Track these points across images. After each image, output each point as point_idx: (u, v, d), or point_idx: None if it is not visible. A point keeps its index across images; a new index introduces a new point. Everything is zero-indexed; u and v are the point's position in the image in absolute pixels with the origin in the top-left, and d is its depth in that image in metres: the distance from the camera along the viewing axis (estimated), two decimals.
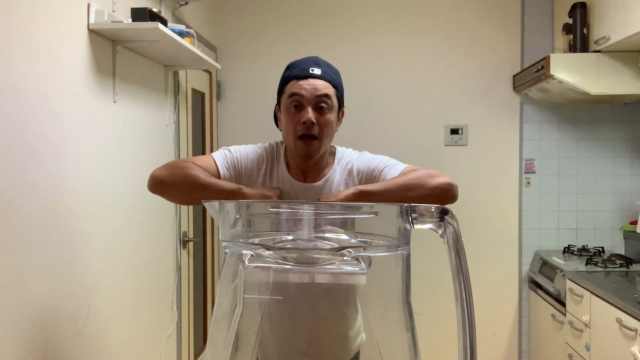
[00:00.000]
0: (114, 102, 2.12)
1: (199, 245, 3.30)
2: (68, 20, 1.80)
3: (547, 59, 2.94)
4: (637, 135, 3.50)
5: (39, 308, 1.63)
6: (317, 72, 1.42)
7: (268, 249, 0.93)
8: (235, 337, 0.97)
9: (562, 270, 3.00)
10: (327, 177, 1.48)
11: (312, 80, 1.40)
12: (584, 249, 3.40)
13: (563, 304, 2.94)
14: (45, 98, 1.67)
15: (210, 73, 3.50)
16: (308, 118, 1.38)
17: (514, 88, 3.55)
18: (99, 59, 1.99)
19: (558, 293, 3.01)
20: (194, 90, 3.19)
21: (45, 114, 1.66)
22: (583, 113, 3.53)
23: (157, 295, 2.57)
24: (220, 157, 1.48)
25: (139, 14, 2.02)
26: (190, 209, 3.05)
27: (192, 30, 2.43)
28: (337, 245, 0.94)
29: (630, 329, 2.22)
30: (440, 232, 0.92)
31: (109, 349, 2.06)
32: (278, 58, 3.57)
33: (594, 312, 2.58)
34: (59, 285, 1.73)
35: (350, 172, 1.49)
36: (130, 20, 2.04)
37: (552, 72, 2.91)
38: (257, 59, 3.63)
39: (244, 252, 0.93)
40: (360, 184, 1.45)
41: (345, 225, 1.00)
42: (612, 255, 3.17)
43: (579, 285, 2.74)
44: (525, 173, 3.58)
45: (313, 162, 1.46)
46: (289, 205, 1.06)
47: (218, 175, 1.44)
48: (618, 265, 2.96)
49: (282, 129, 1.48)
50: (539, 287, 3.34)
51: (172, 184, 1.39)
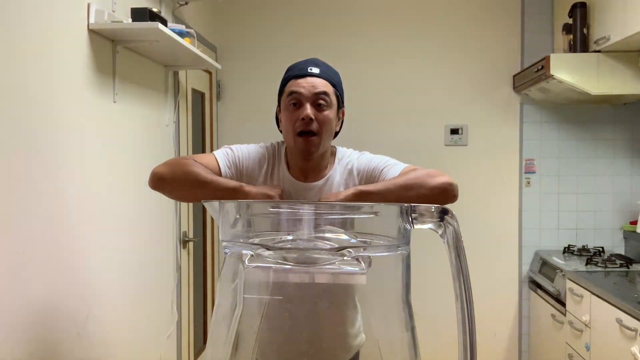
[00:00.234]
0: (114, 102, 2.12)
1: (199, 245, 3.30)
2: (68, 20, 1.80)
3: (547, 59, 2.94)
4: (637, 135, 3.50)
5: (39, 308, 1.63)
6: (315, 71, 1.44)
7: (268, 249, 0.93)
8: (235, 337, 0.97)
9: (562, 270, 3.00)
10: (327, 177, 1.48)
11: (310, 79, 1.42)
12: (584, 249, 3.40)
13: (563, 304, 2.94)
14: (45, 98, 1.67)
15: (210, 73, 3.50)
16: (306, 114, 1.39)
17: (514, 88, 3.55)
18: (99, 59, 1.99)
19: (558, 293, 3.01)
20: (194, 90, 3.19)
21: (46, 114, 1.66)
22: (583, 113, 3.53)
23: (157, 296, 2.57)
24: (222, 155, 1.48)
25: (139, 14, 2.02)
26: (190, 209, 3.05)
27: (192, 30, 2.43)
28: (337, 245, 0.94)
29: (630, 329, 2.22)
30: (440, 232, 0.92)
31: (109, 349, 2.06)
32: (278, 58, 3.57)
33: (594, 312, 2.58)
34: (59, 286, 1.73)
35: (351, 172, 1.49)
36: (130, 20, 2.04)
37: (552, 72, 2.91)
38: (257, 59, 3.63)
39: (244, 252, 0.93)
40: (361, 184, 1.45)
41: (345, 225, 1.00)
42: (612, 255, 3.17)
43: (579, 285, 2.74)
44: (525, 173, 3.58)
45: (313, 160, 1.46)
46: (289, 206, 1.06)
47: (219, 174, 1.44)
48: (618, 265, 2.96)
49: (282, 129, 1.49)
50: (539, 287, 3.34)
51: (173, 181, 1.39)
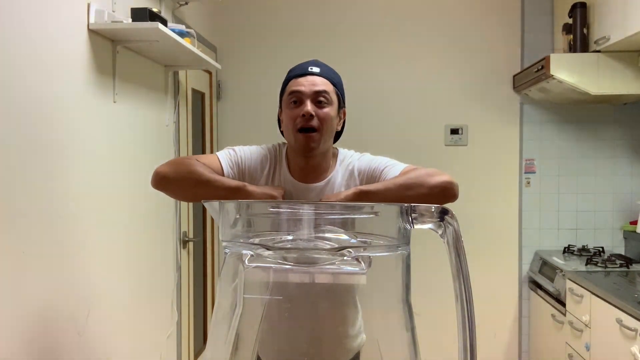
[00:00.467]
0: (114, 102, 2.12)
1: (199, 245, 3.30)
2: (68, 20, 1.80)
3: (547, 59, 2.94)
4: (637, 135, 3.50)
5: (39, 308, 1.63)
6: (315, 70, 1.45)
7: (268, 249, 0.93)
8: (235, 337, 0.97)
9: (562, 270, 3.00)
10: (328, 178, 1.48)
11: (310, 78, 1.44)
12: (584, 249, 3.40)
13: (563, 304, 2.94)
14: (45, 98, 1.66)
15: (210, 73, 3.50)
16: (307, 111, 1.40)
17: (514, 88, 3.55)
18: (99, 59, 1.99)
19: (558, 293, 3.01)
20: (194, 90, 3.19)
21: (45, 114, 1.66)
22: (583, 113, 3.53)
23: (157, 296, 2.56)
24: (225, 156, 1.48)
25: (139, 14, 2.02)
26: (190, 209, 3.04)
27: (192, 30, 2.43)
28: (337, 245, 0.94)
29: (630, 329, 2.22)
30: (440, 232, 0.92)
31: (109, 349, 2.06)
32: (278, 58, 3.59)
33: (594, 312, 2.58)
34: (59, 286, 1.73)
35: (352, 173, 1.49)
36: (130, 20, 2.03)
37: (552, 72, 2.91)
38: (257, 59, 3.63)
39: (244, 252, 0.93)
40: (362, 185, 1.45)
41: (346, 225, 1.00)
42: (612, 255, 3.17)
43: (579, 285, 2.74)
44: (525, 173, 3.58)
45: (314, 159, 1.46)
46: (289, 206, 1.06)
47: (222, 174, 1.45)
48: (618, 265, 2.96)
49: (283, 128, 1.49)
50: (539, 287, 3.34)
51: (176, 180, 1.39)
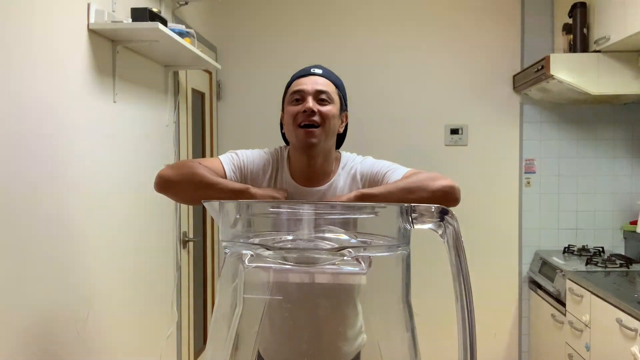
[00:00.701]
0: (114, 102, 2.12)
1: (199, 245, 3.30)
2: (68, 20, 1.80)
3: (547, 59, 2.94)
4: (637, 135, 3.50)
5: (39, 308, 1.63)
6: (318, 71, 1.47)
7: (268, 249, 0.93)
8: (235, 336, 0.97)
9: (562, 270, 3.00)
10: (330, 182, 1.48)
11: (313, 78, 1.45)
12: (584, 249, 3.40)
13: (563, 304, 2.94)
14: (45, 98, 1.67)
15: (210, 73, 3.50)
16: (308, 107, 1.40)
17: (514, 88, 3.55)
18: (99, 59, 1.99)
19: (558, 293, 3.01)
20: (194, 90, 3.19)
21: (45, 114, 1.66)
22: (583, 113, 3.53)
23: (157, 296, 2.56)
24: (227, 159, 1.48)
25: (139, 14, 2.02)
26: (191, 209, 3.05)
27: (192, 30, 2.43)
28: (337, 245, 0.94)
29: (630, 329, 2.22)
30: (440, 232, 0.92)
31: (109, 350, 2.06)
32: (278, 58, 3.59)
33: (594, 312, 2.58)
34: (59, 286, 1.73)
35: (354, 176, 1.49)
36: (130, 20, 2.04)
37: (552, 72, 2.91)
38: (257, 59, 3.63)
39: (244, 252, 0.93)
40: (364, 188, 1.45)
41: (346, 226, 1.00)
42: (612, 255, 3.17)
43: (579, 285, 2.74)
44: (525, 173, 3.58)
45: (316, 160, 1.45)
46: (289, 206, 1.06)
47: (224, 177, 1.45)
48: (618, 265, 2.96)
49: (285, 127, 1.49)
50: (539, 287, 3.34)
51: (179, 183, 1.39)
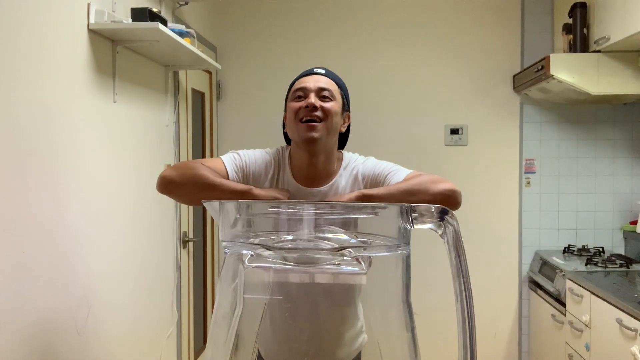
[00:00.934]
0: (114, 102, 2.12)
1: (199, 245, 3.30)
2: (68, 20, 1.80)
3: (547, 59, 2.94)
4: (637, 135, 3.50)
5: (39, 308, 1.63)
6: (321, 71, 1.48)
7: (268, 249, 0.93)
8: (235, 337, 0.97)
9: (562, 270, 3.00)
10: (332, 182, 1.48)
11: (315, 77, 1.46)
12: (584, 249, 3.40)
13: (563, 304, 2.94)
14: (45, 98, 1.66)
15: (210, 73, 3.50)
16: (310, 102, 1.41)
17: (514, 88, 3.55)
18: (99, 59, 1.99)
19: (558, 293, 3.01)
20: (194, 90, 3.19)
21: (45, 114, 1.66)
22: (583, 113, 3.53)
23: (157, 296, 2.56)
24: (230, 160, 1.48)
25: (139, 14, 2.02)
26: (191, 209, 3.04)
27: (192, 30, 2.43)
28: (337, 245, 0.94)
29: (630, 329, 2.22)
30: (440, 232, 0.92)
31: (109, 349, 2.06)
32: (278, 58, 3.59)
33: (594, 312, 2.58)
34: (59, 285, 1.73)
35: (356, 177, 1.49)
36: (130, 20, 2.03)
37: (552, 72, 2.91)
38: (257, 59, 3.63)
39: (244, 252, 0.93)
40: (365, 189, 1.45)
41: (346, 226, 1.00)
42: (612, 255, 3.17)
43: (579, 285, 2.74)
44: (525, 173, 3.58)
45: (317, 158, 1.45)
46: (289, 206, 1.06)
47: (227, 178, 1.45)
48: (618, 265, 2.96)
49: (287, 124, 1.49)
50: (539, 287, 3.34)
51: (181, 184, 1.39)
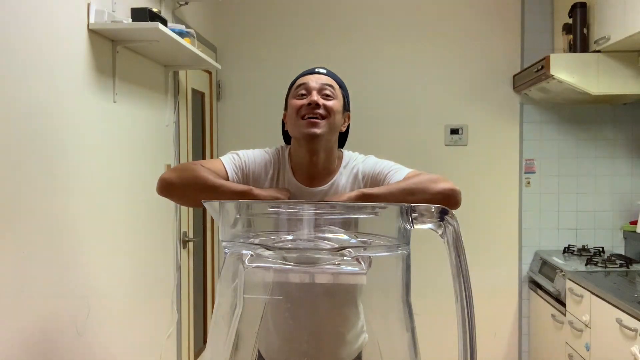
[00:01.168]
0: (114, 102, 2.12)
1: (199, 245, 3.30)
2: (68, 20, 1.80)
3: (547, 59, 2.94)
4: (637, 135, 3.50)
5: (39, 308, 1.63)
6: (322, 71, 1.49)
7: (268, 249, 0.93)
8: (236, 337, 0.97)
9: (562, 270, 3.00)
10: (332, 181, 1.48)
11: (317, 75, 1.47)
12: (584, 249, 3.40)
13: (563, 304, 2.94)
14: (46, 98, 1.67)
15: (210, 73, 3.50)
16: (313, 100, 1.41)
17: (514, 88, 3.55)
18: (99, 59, 1.99)
19: (558, 293, 3.01)
20: (194, 90, 3.19)
21: (46, 114, 1.66)
22: (583, 113, 3.53)
23: (157, 295, 2.56)
24: (229, 160, 1.48)
25: (139, 14, 2.02)
26: (191, 209, 3.04)
27: (192, 30, 2.43)
28: (337, 245, 0.94)
29: (630, 329, 2.22)
30: (440, 232, 0.92)
31: (109, 349, 2.06)
32: (278, 58, 3.59)
33: (594, 312, 2.58)
34: (59, 286, 1.73)
35: (356, 176, 1.49)
36: (130, 20, 2.04)
37: (552, 72, 2.91)
38: (257, 59, 3.63)
39: (244, 252, 0.93)
40: (365, 188, 1.45)
41: (346, 226, 1.00)
42: (612, 255, 3.17)
43: (579, 285, 2.74)
44: (525, 173, 3.58)
45: (318, 156, 1.45)
46: (289, 206, 1.06)
47: (227, 178, 1.44)
48: (618, 265, 2.96)
49: (287, 121, 1.48)
50: (539, 287, 3.34)
51: (182, 186, 1.39)
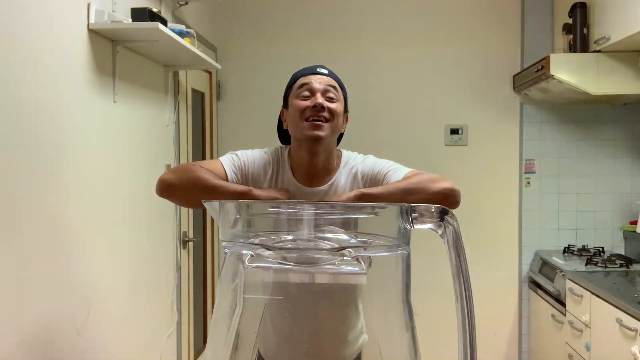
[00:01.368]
0: (114, 102, 2.12)
1: (199, 245, 3.30)
2: (68, 20, 1.80)
3: (547, 59, 2.94)
4: (637, 135, 3.50)
5: (39, 308, 1.63)
6: (324, 71, 1.49)
7: (268, 249, 0.93)
8: (235, 337, 0.97)
9: (562, 270, 3.00)
10: (332, 181, 1.48)
11: (320, 76, 1.47)
12: (584, 249, 3.40)
13: (563, 304, 2.94)
14: (45, 98, 1.66)
15: (210, 73, 3.50)
16: (319, 102, 1.41)
17: (514, 88, 3.55)
18: (99, 59, 1.99)
19: (558, 293, 3.01)
20: (194, 90, 3.19)
21: (46, 114, 1.66)
22: (583, 113, 3.53)
23: (157, 295, 2.56)
24: (228, 161, 1.48)
25: (139, 14, 2.02)
26: (191, 209, 3.04)
27: (192, 30, 2.43)
28: (337, 245, 0.94)
29: (630, 329, 2.22)
30: (440, 232, 0.92)
31: (109, 349, 2.06)
32: (278, 58, 3.59)
33: (594, 312, 2.58)
34: (59, 285, 1.73)
35: (355, 175, 1.49)
36: (130, 20, 2.04)
37: (552, 72, 2.91)
38: (257, 59, 3.63)
39: (244, 252, 0.93)
40: (364, 188, 1.45)
41: (346, 225, 1.00)
42: (612, 255, 3.17)
43: (579, 285, 2.74)
44: (525, 173, 3.58)
45: (318, 157, 1.45)
46: (289, 206, 1.06)
47: (226, 179, 1.44)
48: (618, 265, 2.96)
49: (289, 121, 1.48)
50: (539, 287, 3.34)
51: (181, 187, 1.38)
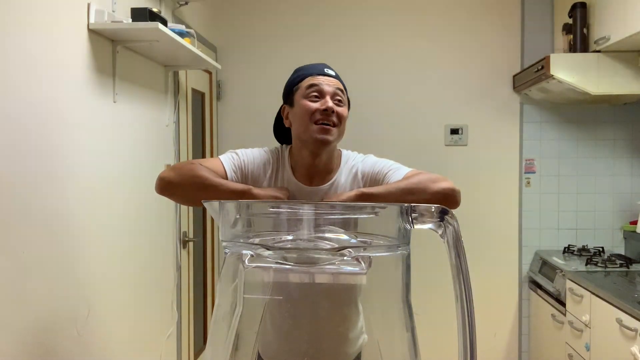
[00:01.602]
0: (114, 102, 2.12)
1: (199, 245, 3.30)
2: (68, 20, 1.80)
3: (547, 59, 2.94)
4: (637, 135, 3.50)
5: (39, 308, 1.63)
6: (331, 72, 1.48)
7: (268, 249, 0.93)
8: (235, 337, 0.97)
9: (562, 270, 3.00)
10: (332, 180, 1.48)
11: (329, 78, 1.47)
12: (584, 249, 3.40)
13: (563, 304, 2.94)
14: (46, 98, 1.67)
15: (210, 73, 3.50)
16: (330, 106, 1.41)
17: (514, 88, 3.55)
18: (99, 59, 1.99)
19: (558, 293, 3.01)
20: (194, 90, 3.19)
21: (46, 114, 1.66)
22: (583, 113, 3.53)
23: (157, 295, 2.56)
24: (228, 159, 1.48)
25: (139, 14, 2.02)
26: (191, 209, 3.05)
27: (192, 30, 2.43)
28: (337, 245, 0.94)
29: (630, 329, 2.22)
30: (440, 232, 0.92)
31: (109, 350, 2.06)
32: (278, 58, 3.59)
33: (594, 312, 2.58)
34: (59, 286, 1.73)
35: (355, 175, 1.49)
36: (130, 20, 2.04)
37: (552, 72, 2.91)
38: (257, 59, 3.63)
39: (244, 252, 0.93)
40: (365, 187, 1.45)
41: (346, 225, 1.00)
42: (612, 255, 3.17)
43: (579, 285, 2.74)
44: (525, 173, 3.58)
45: (321, 158, 1.45)
46: (289, 206, 1.06)
47: (225, 177, 1.44)
48: (618, 265, 2.96)
49: (294, 121, 1.47)
50: (539, 287, 3.34)
51: (181, 185, 1.38)
